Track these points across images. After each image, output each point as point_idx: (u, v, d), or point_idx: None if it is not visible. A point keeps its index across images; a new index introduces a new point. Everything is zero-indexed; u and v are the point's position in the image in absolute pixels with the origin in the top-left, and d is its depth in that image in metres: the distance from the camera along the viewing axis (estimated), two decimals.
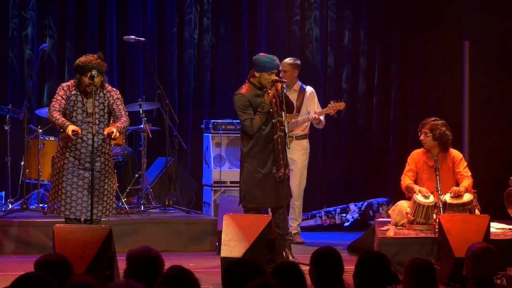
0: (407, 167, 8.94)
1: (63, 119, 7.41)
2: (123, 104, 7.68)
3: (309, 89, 9.90)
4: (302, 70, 11.70)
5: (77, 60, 7.56)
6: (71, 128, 7.30)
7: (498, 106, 11.37)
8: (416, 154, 8.96)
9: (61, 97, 7.54)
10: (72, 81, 7.65)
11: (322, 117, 9.73)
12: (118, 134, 7.42)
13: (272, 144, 8.14)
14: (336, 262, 4.89)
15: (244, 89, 8.28)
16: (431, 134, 8.78)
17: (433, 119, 8.89)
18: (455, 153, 8.91)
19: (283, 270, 4.59)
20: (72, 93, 7.56)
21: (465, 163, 8.89)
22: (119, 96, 7.70)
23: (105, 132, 7.40)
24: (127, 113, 7.69)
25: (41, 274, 4.13)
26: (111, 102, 7.60)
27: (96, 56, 7.54)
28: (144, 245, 5.03)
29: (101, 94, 7.61)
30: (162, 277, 4.32)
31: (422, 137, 8.84)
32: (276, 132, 8.14)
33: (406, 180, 8.85)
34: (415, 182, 8.83)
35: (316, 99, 9.85)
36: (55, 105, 7.50)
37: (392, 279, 4.79)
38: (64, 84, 7.66)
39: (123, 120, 7.55)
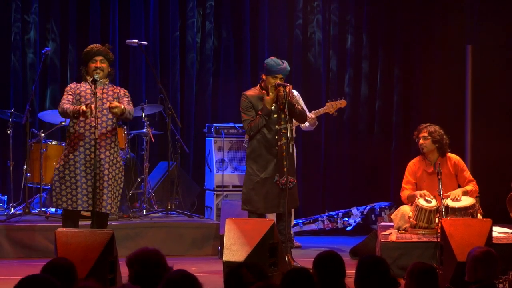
0: (405, 179, 8.91)
1: (74, 105, 7.65)
2: (130, 102, 7.90)
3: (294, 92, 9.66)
4: (304, 74, 11.75)
5: (84, 50, 7.91)
6: (83, 106, 7.51)
7: (501, 110, 11.37)
8: (413, 165, 8.93)
9: (68, 93, 7.79)
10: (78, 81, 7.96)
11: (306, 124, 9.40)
12: (121, 108, 7.59)
13: (276, 150, 8.16)
14: (338, 266, 4.90)
15: (251, 90, 8.36)
16: (430, 137, 8.77)
17: (428, 124, 8.89)
18: (455, 158, 8.88)
19: (294, 277, 4.59)
20: (81, 88, 7.81)
21: (468, 171, 8.89)
22: (127, 94, 7.97)
23: (111, 104, 7.59)
24: (133, 110, 7.94)
25: (45, 276, 4.14)
26: (121, 94, 7.84)
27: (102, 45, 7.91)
28: (146, 246, 5.03)
29: (110, 92, 7.82)
30: (165, 281, 4.32)
31: (421, 141, 8.81)
32: (280, 138, 8.14)
33: (405, 192, 8.85)
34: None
35: (302, 101, 9.60)
36: (63, 100, 7.74)
37: (390, 283, 4.79)
38: (72, 84, 7.94)
39: (130, 108, 7.82)
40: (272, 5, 11.65)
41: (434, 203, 8.43)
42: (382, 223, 9.33)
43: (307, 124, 9.32)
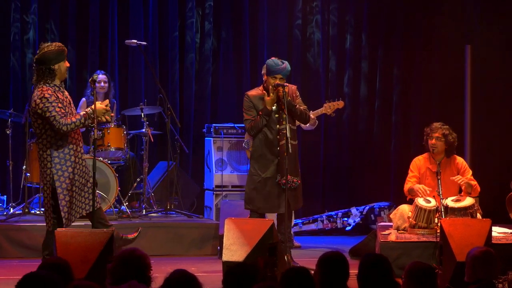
0: (410, 174, 8.94)
1: (79, 114, 7.22)
2: None
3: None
4: (303, 75, 11.76)
5: (52, 48, 7.18)
6: (100, 106, 7.17)
7: (500, 110, 11.38)
8: (419, 161, 8.96)
9: (57, 104, 7.15)
10: (45, 88, 7.17)
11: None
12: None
13: (277, 149, 8.18)
14: (342, 267, 4.90)
15: (254, 91, 8.41)
16: (444, 139, 8.77)
17: (441, 124, 8.87)
18: (460, 160, 8.91)
19: (293, 276, 4.59)
20: (56, 92, 7.20)
21: (471, 171, 8.90)
22: None
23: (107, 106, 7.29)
24: None
25: (47, 273, 4.16)
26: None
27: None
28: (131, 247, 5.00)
29: (66, 93, 7.38)
30: (165, 281, 4.31)
31: (434, 141, 8.80)
32: (282, 138, 8.16)
33: (408, 184, 8.86)
34: None
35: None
36: (60, 113, 7.12)
37: (392, 282, 4.80)
38: (47, 93, 7.14)
39: None
40: (271, 5, 11.65)
41: (433, 203, 8.45)
42: (382, 223, 9.35)
43: (307, 124, 9.32)
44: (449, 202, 8.47)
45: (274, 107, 8.25)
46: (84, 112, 7.23)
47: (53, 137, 7.24)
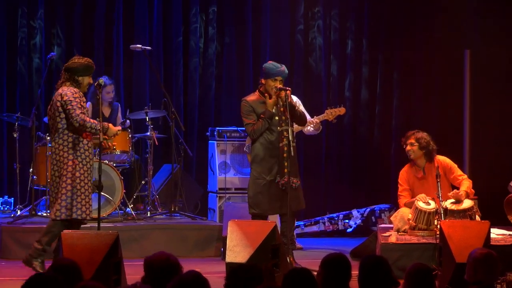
0: (400, 188, 8.99)
1: (96, 122, 7.68)
2: None
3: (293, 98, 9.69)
4: (305, 79, 11.84)
5: (82, 61, 7.78)
6: (114, 128, 7.84)
7: (499, 114, 11.41)
8: (405, 173, 9.03)
9: (77, 103, 7.69)
10: (72, 88, 7.77)
11: (310, 126, 9.48)
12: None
13: (278, 151, 8.27)
14: (345, 269, 4.96)
15: (251, 96, 8.46)
16: (417, 144, 8.88)
17: (415, 130, 8.99)
18: (442, 159, 8.95)
19: (295, 277, 4.65)
20: (83, 99, 7.82)
21: (456, 166, 8.99)
22: None
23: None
24: None
25: (51, 274, 4.23)
26: None
27: None
28: (161, 251, 5.05)
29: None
30: (177, 281, 4.34)
31: (408, 148, 8.93)
32: (282, 140, 8.25)
33: (403, 199, 8.93)
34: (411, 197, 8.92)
35: (302, 107, 9.70)
36: (81, 110, 7.67)
37: (392, 282, 4.87)
38: (71, 90, 7.74)
39: None
40: (274, 10, 11.73)
41: (433, 205, 8.51)
42: (382, 225, 9.42)
43: (311, 128, 9.41)
44: (449, 204, 8.54)
45: (274, 110, 8.35)
46: (101, 124, 7.65)
47: (76, 132, 7.75)
